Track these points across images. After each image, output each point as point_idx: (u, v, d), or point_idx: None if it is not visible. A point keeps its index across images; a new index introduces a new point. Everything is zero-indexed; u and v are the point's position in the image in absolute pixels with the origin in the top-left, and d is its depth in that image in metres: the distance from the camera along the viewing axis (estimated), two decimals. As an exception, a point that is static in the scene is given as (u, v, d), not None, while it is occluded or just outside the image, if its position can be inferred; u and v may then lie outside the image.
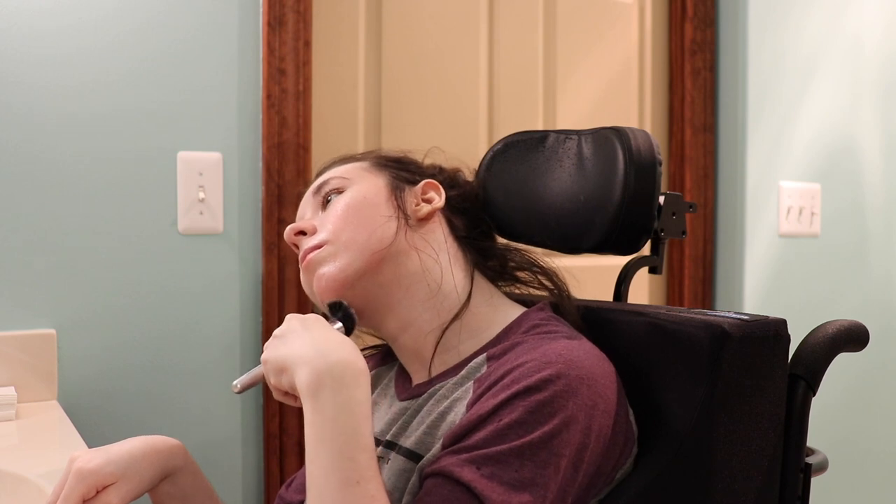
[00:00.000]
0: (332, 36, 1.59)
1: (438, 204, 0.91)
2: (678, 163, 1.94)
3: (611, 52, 1.91)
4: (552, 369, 0.72)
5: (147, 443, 0.84)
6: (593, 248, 0.92)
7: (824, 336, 0.86)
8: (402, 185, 0.92)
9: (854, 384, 2.08)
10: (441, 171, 0.97)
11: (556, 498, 0.69)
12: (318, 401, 0.70)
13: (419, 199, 0.91)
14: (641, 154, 0.89)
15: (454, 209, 0.94)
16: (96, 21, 1.35)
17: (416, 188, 0.92)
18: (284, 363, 0.74)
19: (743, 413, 0.79)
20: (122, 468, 0.80)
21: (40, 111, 1.32)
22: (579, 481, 0.72)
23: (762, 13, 1.93)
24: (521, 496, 0.67)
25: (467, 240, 0.93)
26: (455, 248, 0.91)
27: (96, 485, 0.78)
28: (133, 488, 0.81)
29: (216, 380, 1.44)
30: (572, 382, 0.72)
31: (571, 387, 0.72)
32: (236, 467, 1.46)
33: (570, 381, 0.72)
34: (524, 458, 0.69)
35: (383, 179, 0.91)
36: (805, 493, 0.85)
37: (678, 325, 0.81)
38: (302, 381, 0.71)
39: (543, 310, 0.87)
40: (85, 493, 0.77)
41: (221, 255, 1.44)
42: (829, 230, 2.06)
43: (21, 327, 1.30)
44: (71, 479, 0.77)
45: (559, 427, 0.70)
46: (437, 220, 0.91)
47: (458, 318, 0.86)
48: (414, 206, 0.90)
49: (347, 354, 0.72)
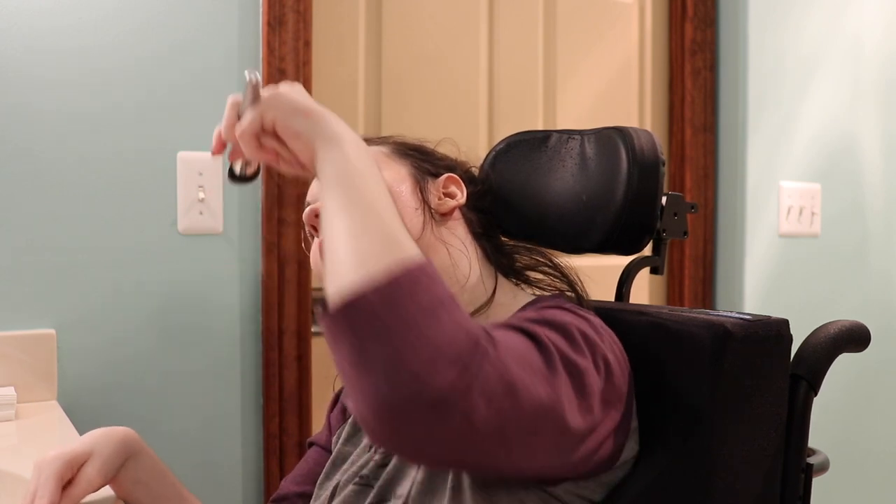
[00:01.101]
0: (332, 36, 1.59)
1: (461, 200, 0.91)
2: (678, 163, 1.94)
3: (611, 52, 1.91)
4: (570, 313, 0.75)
5: (102, 429, 0.85)
6: (595, 248, 0.92)
7: (826, 336, 0.86)
8: (424, 176, 0.90)
9: (855, 384, 2.08)
10: (458, 164, 0.96)
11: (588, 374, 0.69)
12: (358, 152, 0.68)
13: (440, 192, 0.90)
14: (645, 154, 0.89)
15: (470, 206, 0.93)
16: (96, 21, 1.35)
17: (438, 181, 0.91)
18: (308, 109, 0.71)
19: (744, 413, 0.79)
20: (89, 446, 0.81)
21: (40, 112, 1.32)
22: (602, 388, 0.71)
23: (762, 13, 1.93)
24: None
25: (484, 237, 0.92)
26: (475, 246, 0.91)
27: (70, 465, 0.78)
28: (104, 462, 0.81)
29: (216, 380, 1.44)
30: (595, 321, 0.76)
31: (594, 321, 0.75)
32: (236, 467, 1.46)
33: (593, 320, 0.76)
34: (555, 330, 0.70)
35: (406, 168, 0.89)
36: (806, 493, 0.85)
37: (681, 324, 0.81)
38: (335, 126, 0.69)
39: (559, 297, 0.88)
40: (62, 473, 0.77)
41: (221, 255, 1.44)
42: (830, 230, 2.06)
43: (21, 327, 1.30)
44: (43, 466, 0.77)
45: (588, 332, 0.72)
46: (458, 216, 0.91)
47: (483, 312, 0.86)
48: (437, 201, 0.89)
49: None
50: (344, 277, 0.59)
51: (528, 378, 0.62)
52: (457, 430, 0.57)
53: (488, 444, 0.60)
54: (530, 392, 0.61)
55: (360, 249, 0.60)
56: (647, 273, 1.24)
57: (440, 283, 0.60)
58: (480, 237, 0.92)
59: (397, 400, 0.55)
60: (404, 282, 0.58)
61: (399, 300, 0.57)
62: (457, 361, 0.56)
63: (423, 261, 0.60)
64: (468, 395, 0.56)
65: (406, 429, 0.56)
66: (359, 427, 0.94)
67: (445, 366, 0.55)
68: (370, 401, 0.56)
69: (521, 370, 0.61)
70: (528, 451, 0.64)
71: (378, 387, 0.56)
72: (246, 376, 1.47)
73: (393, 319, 0.56)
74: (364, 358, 0.56)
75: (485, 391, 0.57)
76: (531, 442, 0.64)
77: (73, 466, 0.78)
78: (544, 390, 0.63)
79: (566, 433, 0.66)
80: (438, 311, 0.57)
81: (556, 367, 0.66)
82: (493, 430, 0.59)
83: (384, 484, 0.82)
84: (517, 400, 0.60)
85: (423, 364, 0.55)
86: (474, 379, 0.56)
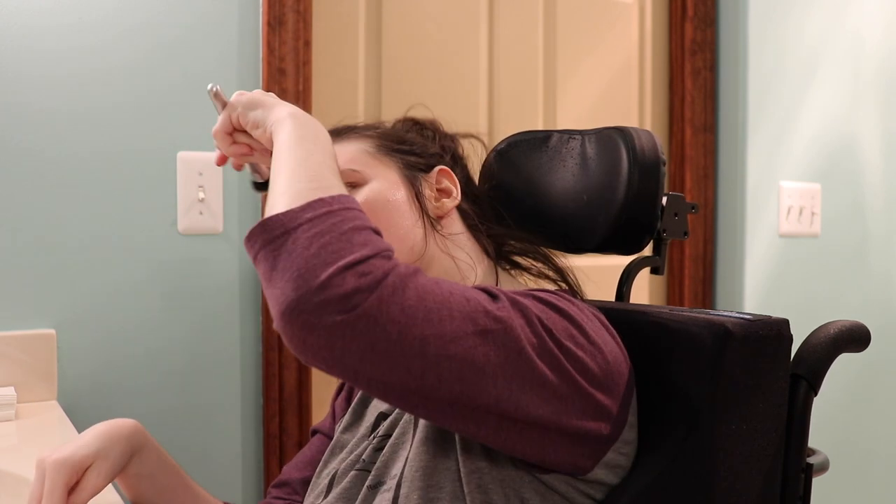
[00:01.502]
0: (332, 36, 1.59)
1: (457, 198, 0.90)
2: (678, 163, 1.94)
3: (611, 52, 1.91)
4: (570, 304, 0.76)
5: (108, 424, 0.84)
6: (596, 248, 0.92)
7: (826, 336, 0.86)
8: (416, 175, 0.89)
9: (855, 384, 2.08)
10: (444, 148, 0.95)
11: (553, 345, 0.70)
12: (302, 121, 0.77)
13: (434, 190, 0.89)
14: (645, 154, 0.89)
15: (464, 197, 0.92)
16: (95, 20, 1.35)
17: (430, 178, 0.90)
18: (264, 101, 0.81)
19: (744, 413, 0.79)
20: (94, 449, 0.80)
21: (40, 111, 1.32)
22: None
23: (762, 13, 1.93)
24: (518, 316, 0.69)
25: (481, 230, 0.91)
26: (472, 241, 0.90)
27: (76, 470, 0.77)
28: (110, 465, 0.81)
29: (216, 380, 1.44)
30: (596, 314, 0.77)
31: (581, 304, 0.76)
32: (236, 467, 1.46)
33: (583, 305, 0.77)
34: (531, 298, 0.72)
35: (395, 171, 0.88)
36: (806, 493, 0.85)
37: (681, 324, 0.81)
38: (286, 109, 0.78)
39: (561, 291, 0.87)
40: (68, 482, 0.76)
41: (221, 255, 1.44)
42: (829, 230, 2.06)
43: (21, 327, 1.30)
44: (49, 472, 0.76)
45: (568, 309, 0.73)
46: (454, 212, 0.90)
47: None
48: (434, 203, 0.88)
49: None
50: (269, 211, 0.67)
51: (447, 293, 0.65)
52: (364, 332, 0.60)
53: (401, 353, 0.62)
54: (448, 301, 0.64)
55: (289, 191, 0.68)
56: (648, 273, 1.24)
57: (359, 213, 0.66)
58: (476, 230, 0.91)
59: (302, 304, 0.59)
60: (317, 205, 0.64)
61: (312, 218, 0.63)
62: (364, 273, 0.60)
63: (343, 195, 0.67)
64: (372, 298, 0.60)
65: (314, 334, 0.59)
66: (358, 415, 0.94)
67: (352, 275, 0.60)
68: (280, 308, 0.60)
69: (438, 287, 0.65)
70: (468, 368, 0.64)
71: (286, 294, 0.60)
72: (246, 376, 1.47)
73: (301, 233, 0.62)
74: (275, 267, 0.62)
75: (393, 300, 0.61)
76: (467, 356, 0.64)
77: (78, 472, 0.78)
78: (466, 305, 0.66)
79: (520, 354, 0.67)
80: (351, 233, 0.63)
81: (502, 300, 0.68)
82: (404, 335, 0.61)
83: (381, 466, 0.82)
84: (430, 300, 0.63)
85: (328, 274, 0.59)
86: (379, 284, 0.60)
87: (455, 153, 0.96)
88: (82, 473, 0.78)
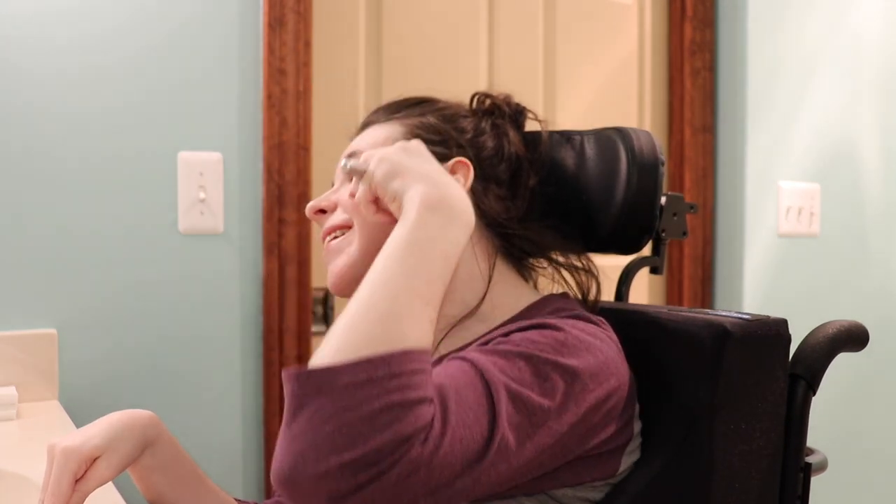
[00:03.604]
0: (332, 36, 1.59)
1: (464, 189, 0.83)
2: (678, 163, 1.94)
3: (611, 52, 1.91)
4: (572, 328, 0.72)
5: (123, 414, 0.83)
6: (595, 248, 0.92)
7: (824, 336, 0.86)
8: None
9: (853, 384, 2.09)
10: (476, 133, 0.91)
11: (540, 415, 0.67)
12: (426, 218, 0.68)
13: None
14: (644, 154, 0.89)
15: (479, 178, 0.87)
16: (95, 20, 1.35)
17: (447, 167, 0.84)
18: (406, 170, 0.72)
19: (743, 412, 0.79)
20: (106, 440, 0.79)
21: (40, 111, 1.32)
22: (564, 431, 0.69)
23: (762, 13, 1.93)
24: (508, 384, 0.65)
25: (493, 224, 0.86)
26: (479, 235, 0.85)
27: (84, 460, 0.77)
28: (119, 458, 0.80)
29: (216, 379, 1.44)
30: (592, 342, 0.72)
31: (588, 342, 0.71)
32: (236, 467, 1.46)
33: (590, 342, 0.72)
34: (529, 362, 0.68)
35: None
36: (805, 492, 0.85)
37: (680, 324, 0.81)
38: (419, 191, 0.69)
39: (566, 297, 0.86)
40: (76, 471, 0.76)
41: (221, 255, 1.44)
42: (829, 230, 2.06)
43: (21, 327, 1.30)
44: (58, 460, 0.76)
45: (570, 365, 0.69)
46: None
47: (476, 313, 0.83)
48: None
49: (467, 201, 0.72)
50: (322, 349, 0.61)
51: (459, 468, 0.61)
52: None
53: None
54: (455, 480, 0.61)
55: (348, 334, 0.61)
56: (647, 273, 1.24)
57: (405, 379, 0.59)
58: (485, 224, 0.86)
59: (296, 481, 0.57)
60: (359, 369, 0.58)
61: (347, 385, 0.58)
62: (369, 465, 0.56)
63: (399, 353, 0.60)
64: (372, 488, 0.57)
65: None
66: None
67: (350, 472, 0.56)
68: (275, 473, 0.59)
69: (451, 456, 0.60)
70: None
71: (286, 463, 0.58)
72: (246, 376, 1.47)
73: (327, 402, 0.57)
74: (291, 422, 0.59)
75: (395, 490, 0.58)
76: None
77: (87, 462, 0.78)
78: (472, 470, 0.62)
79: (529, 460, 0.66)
80: (378, 414, 0.57)
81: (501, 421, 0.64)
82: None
83: None
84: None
85: (328, 468, 0.56)
86: (381, 477, 0.57)
87: (477, 142, 0.90)
88: (91, 463, 0.78)
